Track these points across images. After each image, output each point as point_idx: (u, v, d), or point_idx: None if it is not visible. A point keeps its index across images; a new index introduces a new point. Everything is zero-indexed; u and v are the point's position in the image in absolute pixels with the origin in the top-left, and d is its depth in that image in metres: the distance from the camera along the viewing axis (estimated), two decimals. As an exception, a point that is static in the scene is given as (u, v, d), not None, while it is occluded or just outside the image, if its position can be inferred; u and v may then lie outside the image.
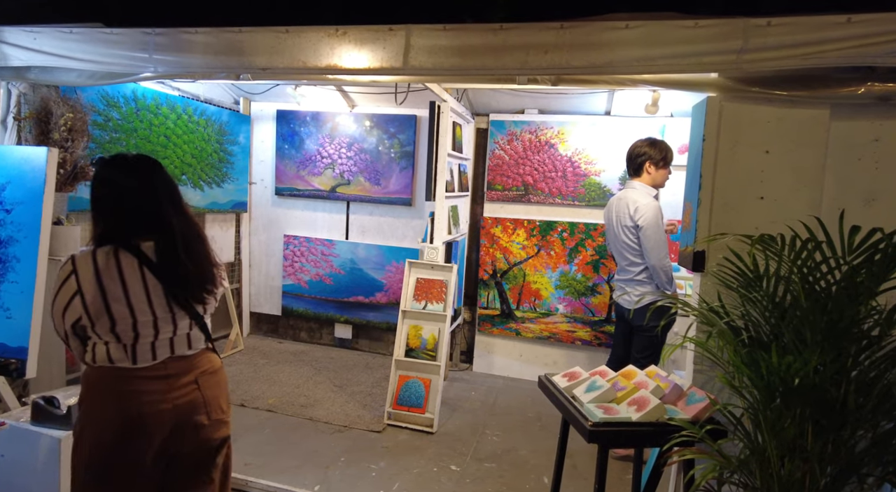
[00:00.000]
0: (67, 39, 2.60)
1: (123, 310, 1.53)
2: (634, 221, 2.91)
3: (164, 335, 1.59)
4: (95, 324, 1.53)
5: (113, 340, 1.54)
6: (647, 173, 2.99)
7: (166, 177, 1.68)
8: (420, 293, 3.54)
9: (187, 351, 1.64)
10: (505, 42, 2.06)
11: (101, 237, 1.57)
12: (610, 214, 3.16)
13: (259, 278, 5.08)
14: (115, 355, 1.54)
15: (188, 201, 4.10)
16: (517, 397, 3.99)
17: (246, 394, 3.71)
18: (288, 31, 2.28)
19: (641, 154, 2.99)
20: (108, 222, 1.58)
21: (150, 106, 3.74)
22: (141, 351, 1.56)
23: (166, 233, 1.58)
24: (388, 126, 4.57)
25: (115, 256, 1.54)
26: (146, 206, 1.59)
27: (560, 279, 4.23)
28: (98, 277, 1.51)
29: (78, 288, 1.51)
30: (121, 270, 1.53)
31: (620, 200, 3.06)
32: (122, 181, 1.60)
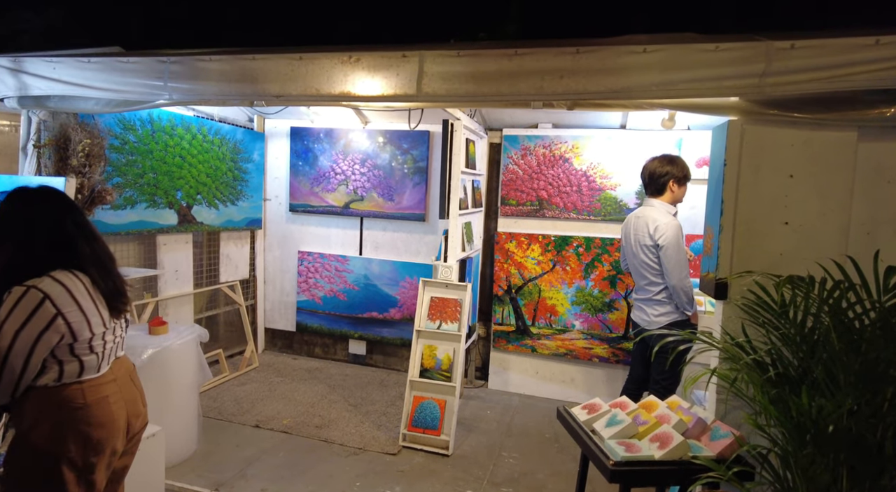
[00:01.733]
0: (85, 68, 2.63)
1: (97, 320, 1.63)
2: (655, 241, 2.85)
3: (117, 339, 1.74)
4: (77, 340, 1.58)
5: (87, 353, 1.62)
6: (669, 192, 2.93)
7: (74, 206, 1.75)
8: (434, 312, 3.51)
9: (121, 352, 1.80)
10: (520, 68, 2.03)
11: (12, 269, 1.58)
12: (628, 232, 3.10)
13: (274, 294, 5.09)
14: (87, 367, 1.63)
15: (203, 221, 4.14)
16: (534, 416, 3.93)
17: (261, 414, 3.70)
18: (301, 58, 2.27)
19: (665, 174, 2.90)
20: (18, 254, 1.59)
21: (166, 127, 3.77)
22: (104, 358, 1.68)
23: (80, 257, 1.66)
24: (402, 142, 4.56)
25: (76, 275, 1.62)
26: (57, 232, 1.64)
27: (576, 295, 4.17)
28: (73, 296, 1.58)
29: (57, 311, 1.54)
30: (86, 287, 1.63)
31: (639, 219, 3.00)
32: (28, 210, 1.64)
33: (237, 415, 3.67)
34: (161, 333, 3.03)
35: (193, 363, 3.12)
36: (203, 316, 4.47)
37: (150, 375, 2.80)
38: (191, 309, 4.22)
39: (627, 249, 3.12)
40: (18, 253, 1.59)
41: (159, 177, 3.74)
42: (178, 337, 3.01)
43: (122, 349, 1.82)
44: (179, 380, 3.02)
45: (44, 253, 1.60)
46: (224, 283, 4.53)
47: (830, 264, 1.46)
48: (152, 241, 3.84)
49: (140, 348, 2.79)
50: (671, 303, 2.87)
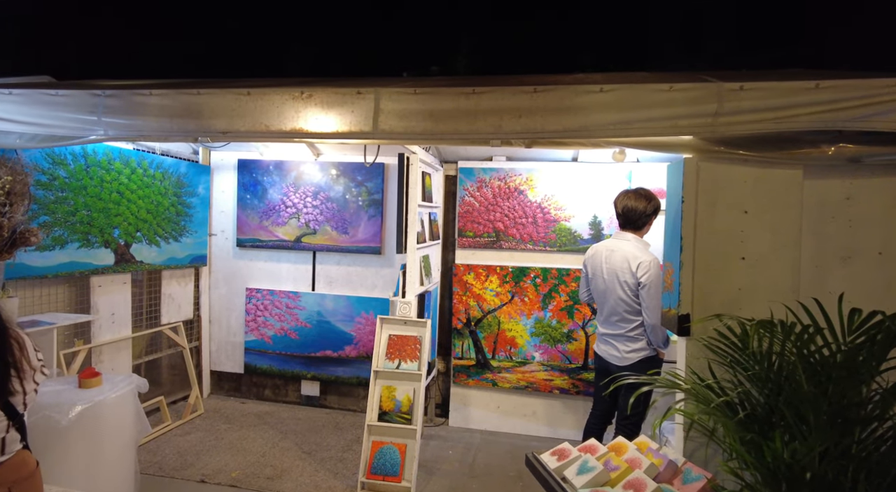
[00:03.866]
0: (6, 101, 2.42)
1: None
2: (637, 278, 2.78)
3: None
4: None
5: None
6: (647, 227, 2.94)
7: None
8: (393, 351, 3.38)
9: (1, 457, 1.45)
10: (478, 106, 2.00)
11: None
12: (598, 264, 3.01)
13: (220, 335, 4.81)
14: None
15: (143, 259, 3.87)
16: (496, 453, 3.82)
17: (207, 467, 3.42)
18: (250, 93, 2.17)
19: (650, 211, 2.88)
20: None
21: (102, 162, 3.54)
22: None
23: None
24: (356, 174, 4.47)
25: None
26: None
27: (535, 326, 4.15)
28: None
29: None
30: None
31: (614, 252, 2.92)
32: None
33: (180, 469, 3.38)
34: (93, 386, 2.77)
35: (130, 417, 2.85)
36: (143, 361, 4.15)
37: (80, 434, 2.55)
38: (129, 354, 3.91)
39: (597, 282, 3.04)
40: None
41: (94, 214, 3.49)
42: (113, 389, 2.75)
43: (7, 452, 1.45)
44: (113, 437, 2.74)
45: None
46: (166, 324, 4.23)
47: (787, 300, 1.47)
48: (85, 283, 3.55)
49: (67, 406, 2.53)
50: (644, 339, 2.85)
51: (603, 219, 4.04)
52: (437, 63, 5.03)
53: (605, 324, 3.04)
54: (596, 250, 3.09)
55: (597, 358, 3.14)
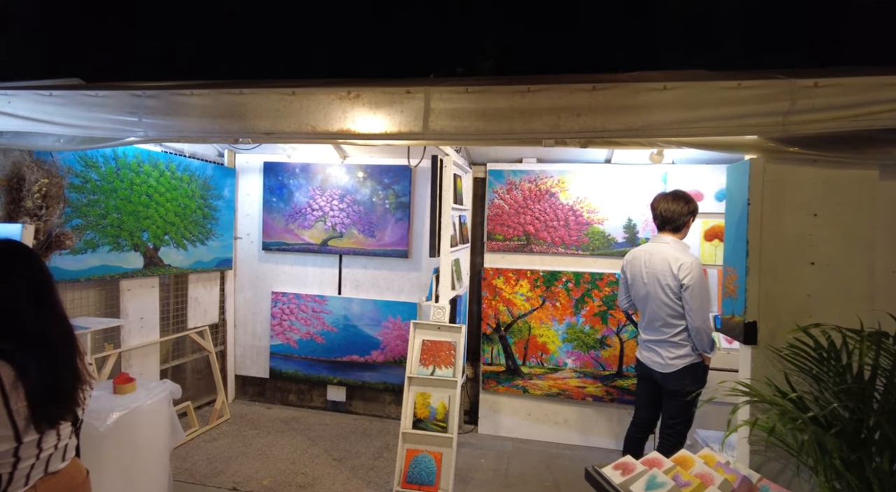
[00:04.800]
0: (45, 102, 2.38)
1: (6, 433, 1.25)
2: (679, 280, 2.69)
3: (46, 452, 1.35)
4: None
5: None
6: (685, 229, 2.86)
7: (38, 265, 1.41)
8: (427, 357, 3.31)
9: (61, 465, 1.42)
10: (533, 105, 1.93)
11: None
12: (638, 269, 2.92)
13: (245, 339, 4.77)
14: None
15: (171, 263, 3.84)
16: (530, 461, 3.73)
17: (237, 474, 3.36)
18: (295, 92, 2.11)
19: (688, 213, 2.81)
20: None
21: (132, 164, 3.51)
22: (16, 479, 1.29)
23: (22, 337, 1.31)
24: (383, 177, 4.41)
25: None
26: (48, 299, 1.35)
27: (567, 332, 4.06)
28: None
29: None
30: (2, 386, 1.24)
31: (654, 256, 2.84)
32: (18, 270, 1.34)
33: (211, 476, 3.33)
34: (127, 392, 2.72)
35: (164, 424, 2.80)
36: (169, 366, 4.11)
37: (116, 441, 2.50)
38: (157, 359, 3.87)
39: (637, 287, 2.95)
40: None
41: (124, 217, 3.45)
42: (148, 395, 2.70)
43: (66, 459, 1.43)
44: (149, 444, 2.69)
45: (16, 321, 1.29)
46: (192, 329, 4.19)
47: (861, 307, 1.38)
48: (115, 287, 3.51)
49: (104, 412, 2.48)
50: (689, 345, 2.75)
51: (638, 222, 3.95)
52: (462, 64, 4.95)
53: (648, 330, 2.94)
54: (635, 255, 3.00)
55: (639, 365, 3.04)
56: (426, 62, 5.12)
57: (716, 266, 3.86)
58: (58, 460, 1.40)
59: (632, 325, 3.94)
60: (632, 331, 3.95)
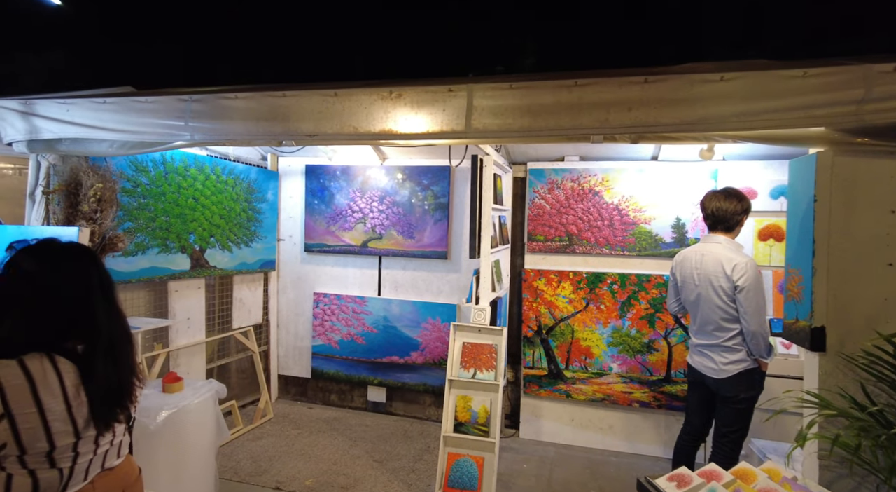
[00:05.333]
0: (100, 109, 2.46)
1: (66, 428, 1.28)
2: (733, 282, 2.55)
3: (103, 448, 1.39)
4: (28, 451, 1.24)
5: (45, 466, 1.27)
6: (739, 228, 2.72)
7: (103, 268, 1.44)
8: (467, 360, 3.26)
9: (116, 461, 1.45)
10: (581, 99, 1.86)
11: (12, 342, 1.29)
12: (689, 271, 2.78)
13: (288, 339, 4.84)
14: (45, 485, 1.27)
15: (216, 264, 3.93)
16: (574, 468, 3.63)
17: (280, 474, 3.40)
18: (337, 94, 2.10)
19: (741, 211, 2.67)
20: (23, 323, 1.31)
21: (179, 168, 3.60)
22: (76, 473, 1.33)
23: (94, 336, 1.35)
24: (422, 178, 4.40)
25: (54, 365, 1.28)
26: (79, 304, 1.35)
27: (612, 335, 3.93)
28: (36, 394, 1.23)
29: (5, 411, 1.20)
30: (62, 383, 1.27)
31: (706, 256, 2.70)
32: (48, 273, 1.35)
33: (255, 475, 3.37)
34: (176, 391, 2.78)
35: (211, 422, 2.85)
36: (215, 365, 4.21)
37: (166, 439, 2.55)
38: (203, 358, 3.96)
39: (688, 289, 2.81)
40: (20, 323, 1.29)
41: (172, 220, 3.55)
42: (195, 395, 2.76)
43: (121, 456, 1.46)
44: (196, 442, 2.75)
45: (46, 329, 1.30)
46: (237, 329, 4.28)
47: None
48: (164, 288, 3.61)
49: (154, 410, 2.54)
50: (743, 349, 2.61)
51: (687, 221, 3.79)
52: (501, 62, 4.88)
53: (700, 334, 2.79)
54: (685, 256, 2.86)
55: (690, 371, 2.90)
56: (465, 62, 5.08)
57: (770, 267, 3.66)
58: (113, 456, 1.43)
59: (681, 328, 3.78)
60: (681, 335, 3.79)
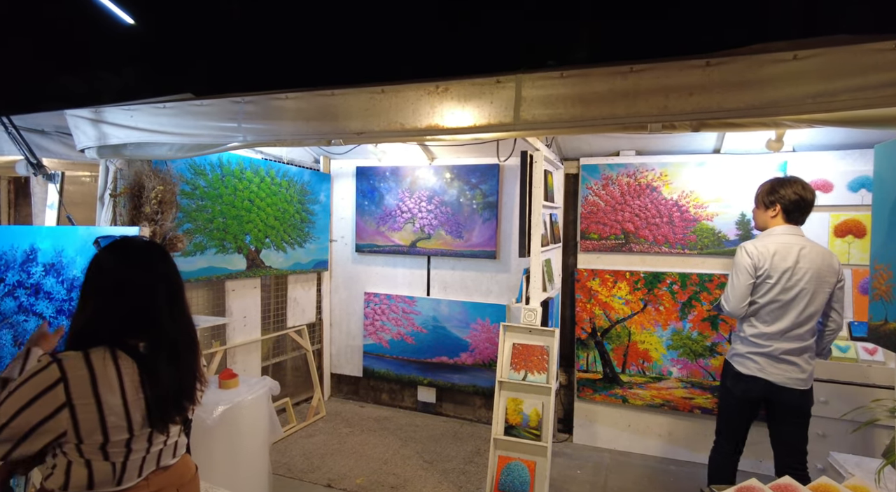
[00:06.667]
0: (160, 114, 2.56)
1: (121, 423, 1.30)
2: (839, 276, 2.41)
3: (156, 447, 1.40)
4: (84, 441, 1.27)
5: (99, 458, 1.29)
6: None
7: (174, 269, 1.46)
8: (518, 361, 3.18)
9: (171, 460, 1.46)
10: (637, 86, 1.75)
11: (85, 333, 1.34)
12: (789, 264, 2.41)
13: (340, 338, 4.90)
14: (99, 477, 1.30)
15: (271, 264, 4.02)
16: (631, 476, 3.47)
17: (332, 472, 3.43)
18: (384, 91, 2.09)
19: (814, 199, 2.49)
20: (96, 315, 1.35)
21: (235, 171, 3.72)
22: (130, 469, 1.34)
23: (156, 335, 1.37)
24: (470, 177, 4.35)
25: (115, 360, 1.31)
26: (144, 300, 1.37)
27: (672, 338, 3.74)
28: (95, 387, 1.27)
29: (67, 400, 1.24)
30: (121, 379, 1.30)
31: (807, 249, 2.41)
32: (119, 268, 1.38)
33: (307, 472, 3.42)
34: (231, 387, 2.86)
35: (265, 419, 2.91)
36: (270, 363, 4.32)
37: (221, 433, 2.62)
38: (258, 356, 4.07)
39: (782, 286, 2.43)
40: (93, 316, 1.34)
41: (228, 221, 3.66)
42: (250, 391, 2.82)
43: (176, 455, 1.48)
44: (250, 438, 2.81)
45: (113, 323, 1.34)
46: (291, 327, 4.37)
47: None
48: (221, 287, 3.74)
49: (211, 405, 2.61)
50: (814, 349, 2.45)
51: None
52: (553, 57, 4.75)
53: (787, 338, 2.44)
54: (773, 250, 2.44)
55: (749, 386, 2.51)
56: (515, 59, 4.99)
57: (849, 266, 3.39)
58: (168, 455, 1.45)
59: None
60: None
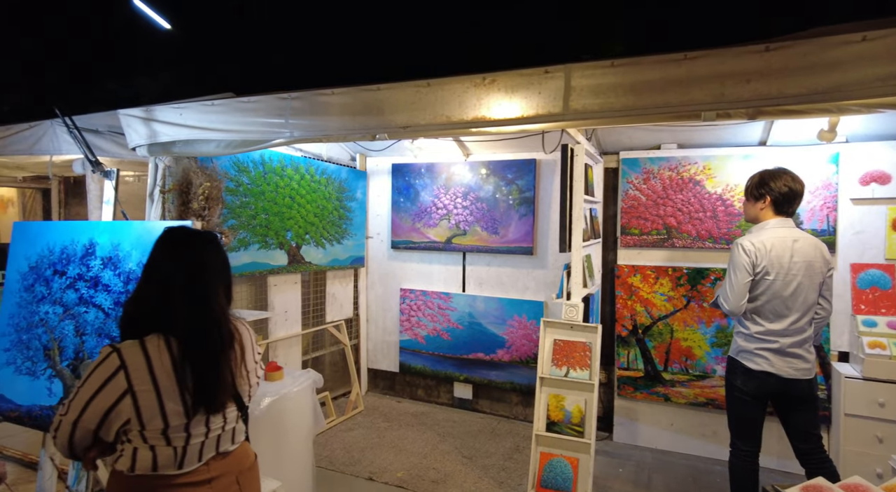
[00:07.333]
0: (208, 112, 2.62)
1: (178, 408, 1.34)
2: (829, 266, 2.46)
3: (214, 433, 1.43)
4: (146, 427, 1.32)
5: (162, 443, 1.34)
6: None
7: (224, 257, 1.52)
8: (559, 358, 3.15)
9: (230, 447, 1.50)
10: (691, 73, 1.71)
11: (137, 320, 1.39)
12: (783, 260, 2.39)
13: (376, 334, 4.95)
14: (162, 461, 1.35)
15: (311, 260, 4.08)
16: (675, 476, 3.40)
17: (373, 465, 3.47)
18: (429, 84, 2.10)
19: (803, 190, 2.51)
20: (149, 303, 1.40)
21: (276, 168, 3.79)
22: (190, 454, 1.39)
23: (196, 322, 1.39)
24: (506, 172, 4.33)
25: (168, 346, 1.36)
26: (197, 289, 1.41)
27: (717, 336, 3.65)
28: (152, 372, 1.32)
29: (129, 387, 1.29)
30: (174, 363, 1.35)
31: (800, 242, 2.40)
32: (177, 257, 1.43)
33: (348, 465, 3.47)
34: (276, 379, 2.91)
35: (309, 411, 2.96)
36: (310, 357, 4.39)
37: (268, 425, 2.67)
38: (299, 350, 4.14)
39: (780, 282, 2.40)
40: (146, 301, 1.40)
41: (271, 218, 3.74)
42: (295, 383, 2.87)
43: (235, 442, 1.51)
44: (295, 429, 2.86)
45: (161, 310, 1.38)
46: (330, 322, 4.44)
47: None
48: (263, 282, 3.81)
49: (257, 397, 2.66)
50: None
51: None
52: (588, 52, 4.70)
53: (790, 333, 2.42)
54: (768, 245, 2.41)
55: (762, 381, 2.47)
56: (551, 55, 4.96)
57: (908, 261, 3.24)
58: (227, 441, 1.48)
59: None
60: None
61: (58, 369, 2.54)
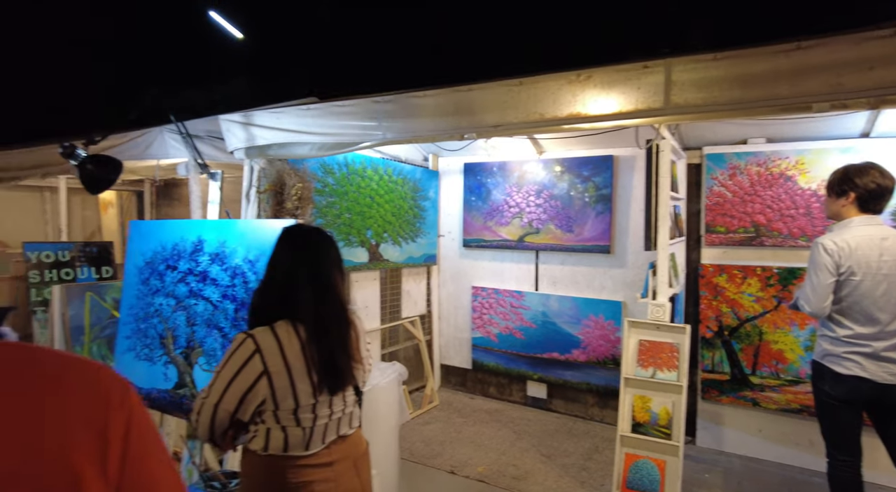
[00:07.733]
0: (305, 115, 2.77)
1: (307, 388, 1.44)
2: None
3: (336, 415, 1.52)
4: (280, 407, 1.42)
5: (292, 423, 1.44)
6: None
7: (339, 251, 1.65)
8: (645, 358, 3.09)
9: (349, 430, 1.57)
10: (804, 63, 1.65)
11: (264, 310, 1.51)
12: (869, 259, 2.27)
13: (448, 330, 5.03)
14: (293, 441, 1.44)
15: (388, 258, 4.20)
16: (767, 485, 3.26)
17: (453, 459, 3.54)
18: (522, 82, 2.13)
19: (893, 186, 2.35)
20: (275, 294, 1.52)
21: (358, 170, 3.93)
22: (315, 435, 1.47)
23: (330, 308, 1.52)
24: (581, 170, 4.29)
25: (296, 331, 1.46)
26: (321, 278, 1.53)
27: (811, 339, 3.46)
28: (283, 355, 1.42)
29: (264, 368, 1.40)
30: (302, 346, 1.45)
31: (890, 240, 2.28)
32: (300, 251, 1.55)
33: (429, 458, 3.55)
34: (366, 372, 3.03)
35: (395, 402, 3.06)
36: (387, 351, 4.52)
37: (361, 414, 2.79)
38: (378, 345, 4.28)
39: (870, 281, 2.27)
40: (273, 293, 1.52)
41: (353, 217, 3.88)
42: (382, 375, 2.98)
43: (352, 426, 1.60)
44: (383, 420, 2.97)
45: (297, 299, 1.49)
46: (405, 318, 4.55)
47: None
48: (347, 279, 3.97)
49: (349, 387, 2.79)
50: None
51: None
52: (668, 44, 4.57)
53: (882, 336, 2.28)
54: (851, 244, 2.30)
55: (853, 386, 2.33)
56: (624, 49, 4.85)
57: None
58: (346, 424, 1.58)
59: None
60: None
61: (172, 355, 2.76)
